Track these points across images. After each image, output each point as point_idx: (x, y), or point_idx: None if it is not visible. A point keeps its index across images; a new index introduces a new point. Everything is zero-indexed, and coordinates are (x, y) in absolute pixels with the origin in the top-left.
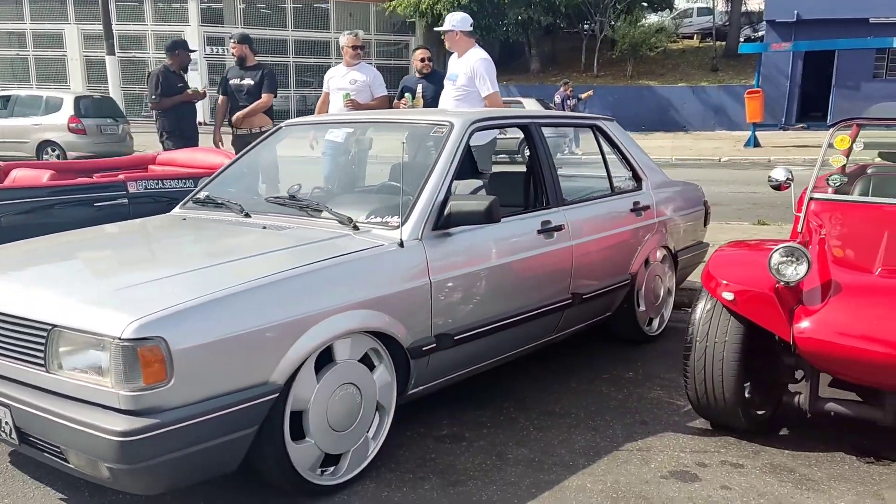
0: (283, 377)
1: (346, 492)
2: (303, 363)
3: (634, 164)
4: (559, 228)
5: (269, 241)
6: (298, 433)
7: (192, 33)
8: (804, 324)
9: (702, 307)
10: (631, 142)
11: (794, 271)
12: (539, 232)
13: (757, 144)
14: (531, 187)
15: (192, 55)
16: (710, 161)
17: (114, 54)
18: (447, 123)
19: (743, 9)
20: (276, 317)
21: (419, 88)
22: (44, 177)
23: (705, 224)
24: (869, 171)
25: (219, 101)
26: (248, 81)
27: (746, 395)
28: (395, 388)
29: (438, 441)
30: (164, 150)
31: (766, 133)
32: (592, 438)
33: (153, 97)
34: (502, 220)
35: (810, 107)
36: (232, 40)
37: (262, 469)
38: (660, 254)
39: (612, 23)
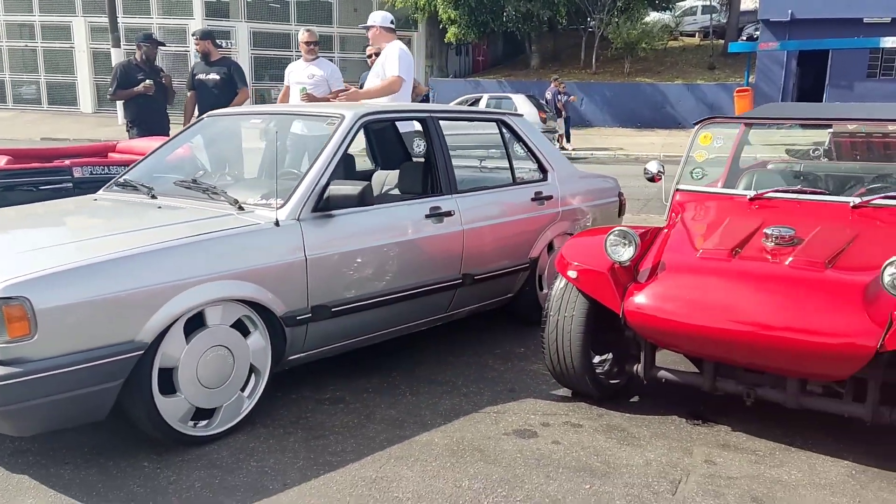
0: (150, 336)
1: (218, 443)
2: (171, 325)
3: (541, 157)
4: (449, 214)
5: (157, 219)
6: (170, 388)
7: (197, 27)
8: (631, 299)
9: (556, 285)
10: (539, 136)
11: (624, 252)
12: (427, 216)
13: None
14: (427, 176)
15: (162, 48)
16: None
17: (119, 47)
18: (339, 116)
19: (751, 7)
20: (142, 283)
21: None
22: (0, 161)
23: (620, 214)
24: (769, 166)
25: (187, 97)
26: (215, 76)
27: (607, 366)
28: (269, 352)
29: (319, 403)
30: (129, 139)
31: (758, 132)
32: (459, 403)
33: (109, 89)
34: (391, 204)
35: None
36: (195, 37)
37: (134, 419)
38: (565, 241)
39: (609, 22)
